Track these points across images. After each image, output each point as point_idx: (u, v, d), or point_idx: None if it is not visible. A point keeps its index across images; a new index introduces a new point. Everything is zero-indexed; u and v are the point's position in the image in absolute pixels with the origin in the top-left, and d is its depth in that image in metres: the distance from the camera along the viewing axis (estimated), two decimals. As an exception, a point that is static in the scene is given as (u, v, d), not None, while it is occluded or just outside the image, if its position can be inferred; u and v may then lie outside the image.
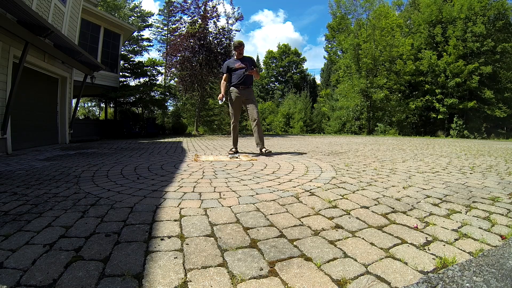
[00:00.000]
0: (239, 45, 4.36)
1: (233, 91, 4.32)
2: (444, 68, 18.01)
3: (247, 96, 4.32)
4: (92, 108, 28.20)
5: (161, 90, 14.80)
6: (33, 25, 4.91)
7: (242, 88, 4.27)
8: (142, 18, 30.67)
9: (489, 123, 18.22)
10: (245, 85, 4.28)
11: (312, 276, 0.98)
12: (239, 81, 4.26)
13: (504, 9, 17.54)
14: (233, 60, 4.41)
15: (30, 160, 3.97)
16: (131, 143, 7.82)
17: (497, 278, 0.93)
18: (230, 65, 4.34)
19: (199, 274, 0.98)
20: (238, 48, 4.37)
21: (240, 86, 4.27)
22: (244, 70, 4.23)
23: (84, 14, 9.89)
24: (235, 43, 4.42)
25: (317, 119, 28.21)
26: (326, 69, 34.62)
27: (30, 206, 1.74)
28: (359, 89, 19.56)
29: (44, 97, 7.10)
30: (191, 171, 2.90)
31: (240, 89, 4.27)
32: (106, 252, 1.13)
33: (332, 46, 26.31)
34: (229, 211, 1.63)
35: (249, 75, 4.25)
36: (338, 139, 10.36)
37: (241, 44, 4.37)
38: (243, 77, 4.24)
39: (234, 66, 4.31)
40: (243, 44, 4.40)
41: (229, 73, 4.37)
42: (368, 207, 1.70)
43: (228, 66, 4.36)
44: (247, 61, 4.36)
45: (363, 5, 20.49)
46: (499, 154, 4.96)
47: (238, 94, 4.29)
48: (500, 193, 2.02)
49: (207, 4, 13.37)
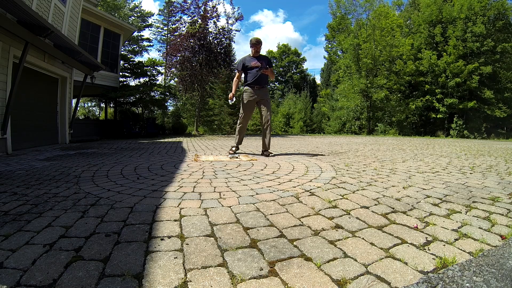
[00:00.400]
0: (257, 43, 4.15)
1: (247, 91, 4.15)
2: (444, 68, 18.01)
3: (262, 96, 4.15)
4: (92, 108, 28.23)
5: (161, 90, 14.81)
6: (33, 25, 4.90)
7: (257, 88, 4.11)
8: (142, 18, 30.68)
9: (489, 123, 18.22)
10: (260, 84, 4.11)
11: (312, 276, 0.98)
12: (254, 80, 4.09)
13: (504, 9, 17.54)
14: (249, 58, 4.19)
15: (30, 160, 3.97)
16: (131, 143, 7.82)
17: (497, 278, 0.93)
18: (246, 63, 4.14)
19: (199, 274, 0.98)
20: (256, 46, 4.16)
21: (255, 86, 4.10)
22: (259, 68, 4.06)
23: (84, 14, 9.89)
24: (252, 41, 4.18)
25: (317, 119, 28.21)
26: (326, 69, 34.61)
27: (30, 206, 1.74)
28: (359, 89, 19.56)
29: (44, 97, 7.10)
30: (191, 171, 2.90)
31: (255, 89, 4.10)
32: (106, 252, 1.13)
33: (332, 46, 26.33)
34: (229, 211, 1.63)
35: (264, 74, 4.08)
36: (338, 139, 10.36)
37: (258, 42, 4.16)
38: (258, 76, 4.07)
39: (249, 64, 4.11)
40: (261, 42, 4.20)
41: (243, 71, 4.19)
42: (368, 207, 1.70)
43: (244, 64, 4.16)
44: (263, 60, 4.16)
45: (363, 5, 20.50)
46: (499, 154, 4.96)
47: (252, 94, 4.12)
48: (500, 193, 2.02)
49: (207, 4, 13.39)
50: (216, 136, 13.04)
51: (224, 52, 13.93)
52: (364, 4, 20.46)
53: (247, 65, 4.13)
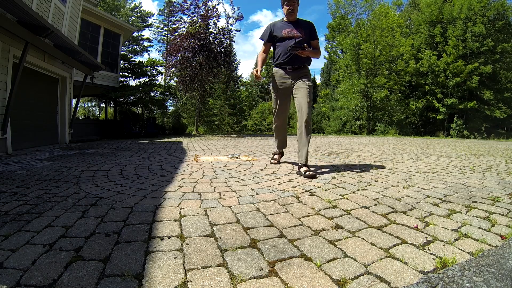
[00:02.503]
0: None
1: (276, 74, 2.83)
2: (444, 68, 18.02)
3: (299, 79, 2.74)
4: (92, 108, 28.24)
5: (161, 90, 14.81)
6: (33, 25, 4.91)
7: (290, 69, 2.75)
8: (142, 18, 30.69)
9: (489, 123, 18.22)
10: (294, 65, 2.72)
11: (312, 276, 0.98)
12: (287, 58, 2.70)
13: (504, 9, 17.55)
14: (281, 23, 2.77)
15: (30, 160, 3.97)
16: (131, 143, 7.82)
17: (497, 278, 0.93)
18: (275, 31, 2.76)
19: (199, 274, 0.98)
20: (291, 3, 2.66)
21: (287, 66, 2.74)
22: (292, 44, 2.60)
23: (84, 14, 9.90)
24: None
25: (317, 119, 28.21)
26: (326, 69, 34.60)
27: (30, 206, 1.74)
28: (359, 89, 19.56)
29: (44, 97, 7.10)
30: (191, 171, 2.90)
31: (288, 71, 2.75)
32: (106, 252, 1.13)
33: (332, 46, 26.29)
34: (229, 211, 1.63)
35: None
36: (338, 139, 10.36)
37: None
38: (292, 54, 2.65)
39: (280, 33, 2.72)
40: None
41: (272, 42, 2.85)
42: (368, 207, 1.70)
43: (272, 32, 2.78)
44: (304, 27, 2.72)
45: (362, 5, 20.49)
46: (499, 154, 4.96)
47: (285, 78, 2.78)
48: (500, 193, 2.02)
49: (207, 4, 13.39)
50: (216, 136, 13.04)
51: (224, 52, 13.94)
52: (363, 4, 20.45)
53: (277, 34, 2.74)
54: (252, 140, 8.70)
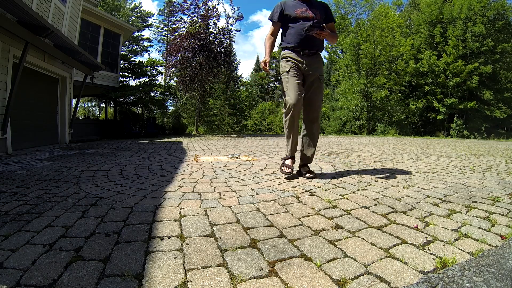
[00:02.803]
0: None
1: (288, 58, 2.46)
2: (444, 68, 18.02)
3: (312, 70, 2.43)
4: (92, 108, 28.24)
5: (161, 90, 14.82)
6: (33, 25, 4.91)
7: (305, 54, 2.41)
8: (142, 18, 30.70)
9: (489, 123, 18.21)
10: (309, 48, 2.40)
11: (312, 276, 0.98)
12: (300, 40, 2.38)
13: (503, 9, 17.54)
14: (293, 1, 2.45)
15: (30, 160, 3.97)
16: (131, 143, 7.82)
17: (497, 278, 0.93)
18: (287, 9, 2.43)
19: (199, 274, 0.98)
20: None
21: (302, 50, 2.40)
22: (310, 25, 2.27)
23: (84, 14, 9.90)
24: None
25: (317, 119, 28.17)
26: (326, 69, 34.61)
27: (30, 206, 1.74)
28: (359, 89, 19.56)
29: (44, 97, 7.10)
30: (191, 171, 2.90)
31: (302, 55, 2.41)
32: (106, 252, 1.13)
33: (332, 46, 26.29)
34: (229, 211, 1.63)
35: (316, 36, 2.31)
36: (338, 139, 10.36)
37: None
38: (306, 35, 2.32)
39: (293, 13, 2.40)
40: None
41: (282, 23, 2.49)
42: (368, 207, 1.70)
43: (283, 11, 2.43)
44: (319, 8, 2.45)
45: (362, 5, 20.49)
46: (499, 154, 4.96)
47: (299, 63, 2.41)
48: (500, 193, 2.02)
49: (207, 4, 13.39)
50: (216, 136, 13.04)
51: (224, 52, 13.94)
52: (363, 4, 20.45)
53: (289, 13, 2.41)
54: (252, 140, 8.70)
